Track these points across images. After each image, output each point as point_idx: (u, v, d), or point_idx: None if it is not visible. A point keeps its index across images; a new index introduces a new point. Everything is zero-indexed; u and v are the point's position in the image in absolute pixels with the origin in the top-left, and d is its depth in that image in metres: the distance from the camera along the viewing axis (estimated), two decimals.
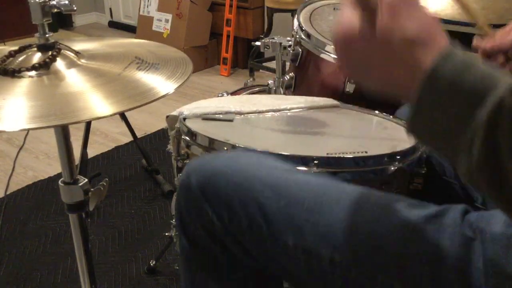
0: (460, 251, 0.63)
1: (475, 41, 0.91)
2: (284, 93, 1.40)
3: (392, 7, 0.53)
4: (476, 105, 0.49)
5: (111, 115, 0.71)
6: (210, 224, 0.76)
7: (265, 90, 1.51)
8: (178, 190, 0.80)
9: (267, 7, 3.09)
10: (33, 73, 0.79)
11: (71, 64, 0.82)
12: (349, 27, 0.56)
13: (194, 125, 1.01)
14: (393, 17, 0.53)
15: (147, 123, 2.69)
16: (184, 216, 0.79)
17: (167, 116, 1.09)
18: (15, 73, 0.78)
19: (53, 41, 0.84)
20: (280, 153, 0.89)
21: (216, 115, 1.07)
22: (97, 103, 0.74)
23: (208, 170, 0.77)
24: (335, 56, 0.58)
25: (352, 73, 0.60)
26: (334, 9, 1.47)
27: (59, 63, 0.81)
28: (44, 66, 0.80)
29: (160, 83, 0.79)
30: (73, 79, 0.79)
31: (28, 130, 0.69)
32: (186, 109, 1.07)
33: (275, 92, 1.43)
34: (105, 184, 0.94)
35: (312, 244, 0.69)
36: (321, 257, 0.69)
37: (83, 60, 0.84)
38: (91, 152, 2.20)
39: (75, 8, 0.84)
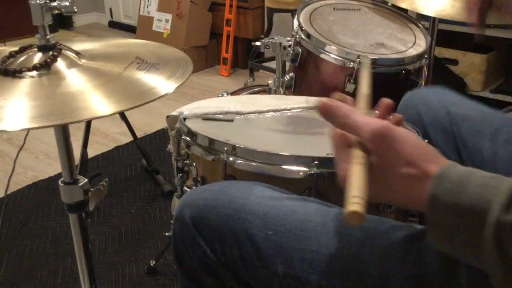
0: (442, 270, 0.64)
1: None
2: (284, 93, 1.40)
3: (374, 149, 0.58)
4: (478, 225, 0.51)
5: (111, 114, 0.70)
6: (204, 256, 0.77)
7: (265, 90, 1.51)
8: (173, 225, 0.82)
9: (267, 7, 3.09)
10: (34, 73, 0.79)
11: (71, 64, 0.82)
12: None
13: (194, 125, 1.01)
14: (379, 159, 0.58)
15: (147, 123, 2.69)
16: (180, 249, 0.81)
17: (167, 116, 1.09)
18: (16, 74, 0.78)
19: (54, 42, 0.84)
20: (280, 153, 0.90)
21: (216, 115, 1.07)
22: (97, 103, 0.74)
23: (200, 203, 0.79)
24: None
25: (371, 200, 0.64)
26: (334, 9, 1.47)
27: (60, 63, 0.82)
28: (45, 66, 0.80)
29: (160, 83, 0.79)
30: (74, 79, 0.79)
31: (29, 129, 0.69)
32: (186, 109, 1.07)
33: (275, 92, 1.43)
34: (105, 184, 0.94)
35: (300, 271, 0.70)
36: (310, 283, 0.70)
37: (83, 60, 0.85)
38: (91, 152, 2.20)
39: (75, 10, 0.84)
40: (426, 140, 1.01)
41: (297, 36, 1.33)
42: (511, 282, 0.51)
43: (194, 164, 1.03)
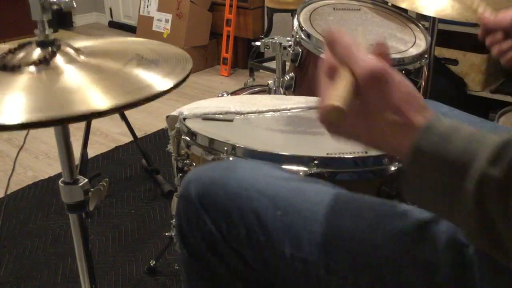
0: (455, 257, 0.63)
1: (480, 10, 0.94)
2: (284, 93, 1.40)
3: (366, 87, 0.55)
4: (460, 177, 0.50)
5: (109, 109, 0.69)
6: (209, 234, 0.76)
7: (265, 90, 1.51)
8: (178, 202, 0.81)
9: (267, 7, 3.09)
10: (33, 69, 0.79)
11: (70, 60, 0.82)
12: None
13: (194, 125, 1.01)
14: (369, 99, 0.56)
15: (147, 123, 2.69)
16: (184, 226, 0.79)
17: (167, 116, 1.09)
18: (15, 69, 0.78)
19: (52, 38, 0.84)
20: (280, 153, 0.89)
21: (216, 115, 1.07)
22: (96, 98, 0.73)
23: (206, 180, 0.78)
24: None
25: (347, 141, 0.63)
26: (334, 9, 1.47)
27: (59, 59, 0.81)
28: (44, 62, 0.80)
29: (159, 80, 0.79)
30: (73, 75, 0.79)
31: (28, 128, 0.69)
32: (186, 109, 1.07)
33: (275, 92, 1.43)
34: (105, 184, 0.94)
35: (308, 253, 0.69)
36: (318, 265, 0.69)
37: (82, 57, 0.84)
38: (91, 152, 2.19)
39: (74, 5, 0.83)
40: None
41: (297, 36, 1.33)
42: (484, 235, 0.51)
43: (194, 164, 1.03)
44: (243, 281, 0.79)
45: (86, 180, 0.91)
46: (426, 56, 1.35)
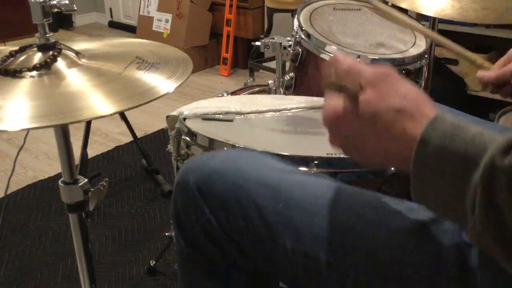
0: (458, 257, 0.62)
1: (479, 73, 0.96)
2: (284, 93, 1.40)
3: (373, 83, 0.58)
4: (470, 168, 0.50)
5: (111, 114, 0.70)
6: (207, 224, 0.75)
7: (265, 90, 1.51)
8: (175, 189, 0.79)
9: (267, 7, 3.09)
10: (34, 73, 0.79)
11: (71, 64, 0.82)
12: (337, 106, 0.61)
13: (194, 125, 1.01)
14: (375, 92, 0.57)
15: (147, 123, 2.69)
16: (181, 215, 0.78)
17: (167, 116, 1.09)
18: (16, 73, 0.78)
19: (53, 41, 0.84)
20: (280, 153, 0.89)
21: (216, 115, 1.07)
22: (97, 103, 0.74)
23: (206, 169, 0.77)
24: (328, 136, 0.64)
25: (345, 150, 0.63)
26: (334, 9, 1.47)
27: (60, 63, 0.81)
28: (45, 66, 0.80)
29: (160, 83, 0.79)
30: (74, 79, 0.79)
31: (29, 130, 0.69)
32: (186, 109, 1.07)
33: (275, 92, 1.43)
34: (105, 184, 0.94)
35: (309, 247, 0.69)
36: (319, 260, 0.68)
37: (83, 60, 0.84)
38: (91, 152, 2.20)
39: (75, 8, 0.83)
40: None
41: (297, 36, 1.33)
42: (489, 231, 0.49)
43: None
44: (240, 271, 0.79)
45: (86, 180, 0.91)
46: (426, 56, 1.35)
